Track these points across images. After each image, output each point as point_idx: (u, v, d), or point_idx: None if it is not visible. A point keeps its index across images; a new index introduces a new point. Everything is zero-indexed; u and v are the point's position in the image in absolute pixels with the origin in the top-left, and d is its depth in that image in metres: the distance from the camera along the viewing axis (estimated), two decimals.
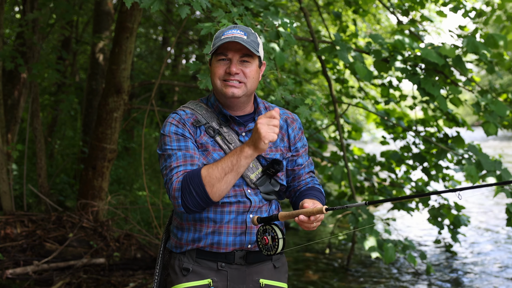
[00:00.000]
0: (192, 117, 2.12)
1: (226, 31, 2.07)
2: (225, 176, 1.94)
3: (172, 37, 13.18)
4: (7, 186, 5.56)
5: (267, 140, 1.87)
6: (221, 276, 2.12)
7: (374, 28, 12.52)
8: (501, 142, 28.49)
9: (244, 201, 2.10)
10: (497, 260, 6.42)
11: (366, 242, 5.06)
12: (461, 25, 5.82)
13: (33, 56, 6.26)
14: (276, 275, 2.20)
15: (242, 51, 2.05)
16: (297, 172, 2.26)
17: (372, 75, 5.06)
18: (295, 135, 2.24)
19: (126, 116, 7.53)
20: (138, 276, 5.15)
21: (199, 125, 2.09)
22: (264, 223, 1.98)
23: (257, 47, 2.09)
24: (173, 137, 2.07)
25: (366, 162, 7.24)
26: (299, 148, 2.26)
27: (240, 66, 2.06)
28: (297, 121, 2.27)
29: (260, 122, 1.88)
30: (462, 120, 6.24)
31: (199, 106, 2.17)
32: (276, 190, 2.19)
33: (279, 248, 1.95)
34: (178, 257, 2.17)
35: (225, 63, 2.06)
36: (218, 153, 2.08)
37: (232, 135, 2.12)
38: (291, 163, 2.25)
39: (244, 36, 2.05)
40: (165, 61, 6.00)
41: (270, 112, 1.89)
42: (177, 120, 2.10)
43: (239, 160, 1.93)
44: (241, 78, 2.06)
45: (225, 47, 2.05)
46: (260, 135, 1.87)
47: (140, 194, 8.23)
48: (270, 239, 1.96)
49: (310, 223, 1.93)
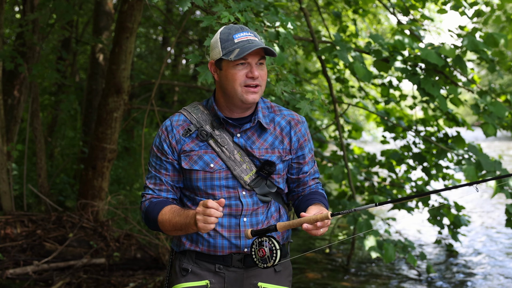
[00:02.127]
0: (184, 123, 2.14)
1: (236, 34, 2.05)
2: (175, 231, 2.06)
3: (172, 37, 13.18)
4: (7, 186, 5.56)
5: (204, 231, 1.93)
6: (219, 279, 2.12)
7: (374, 28, 12.52)
8: (501, 142, 28.49)
9: (236, 203, 2.10)
10: (497, 260, 6.42)
11: (366, 242, 5.06)
12: (461, 25, 5.81)
13: (33, 56, 6.26)
14: (276, 279, 2.18)
15: (260, 54, 2.05)
16: (302, 180, 2.25)
17: (372, 75, 5.05)
18: (299, 138, 2.20)
19: (126, 116, 7.53)
20: (138, 276, 5.15)
21: (190, 133, 2.11)
22: (259, 236, 1.97)
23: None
24: (154, 152, 2.18)
25: (366, 161, 7.24)
26: (306, 154, 2.23)
27: (258, 69, 2.06)
28: (303, 124, 2.22)
29: (198, 210, 1.92)
30: (462, 120, 6.24)
31: (197, 109, 2.17)
32: (273, 192, 2.17)
33: (276, 259, 1.94)
34: (179, 257, 2.20)
35: (244, 67, 2.04)
36: (210, 155, 2.10)
37: (224, 137, 2.11)
38: (297, 170, 2.23)
39: (256, 38, 2.06)
40: (165, 61, 6.00)
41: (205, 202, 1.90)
42: (164, 130, 2.16)
43: (188, 229, 2.01)
44: (260, 82, 2.06)
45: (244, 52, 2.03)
46: (198, 228, 1.93)
47: (140, 194, 8.21)
48: (267, 251, 1.95)
49: (317, 229, 1.93)
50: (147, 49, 15.26)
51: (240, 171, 2.10)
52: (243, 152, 2.13)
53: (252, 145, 2.13)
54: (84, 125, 8.34)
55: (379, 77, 6.59)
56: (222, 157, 2.10)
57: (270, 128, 2.16)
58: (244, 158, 2.12)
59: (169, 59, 13.41)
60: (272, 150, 2.15)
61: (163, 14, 10.06)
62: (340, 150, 6.90)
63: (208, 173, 2.09)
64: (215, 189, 2.10)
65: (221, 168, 2.10)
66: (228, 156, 2.10)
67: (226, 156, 2.10)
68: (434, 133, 6.52)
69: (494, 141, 28.50)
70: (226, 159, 2.10)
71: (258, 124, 2.15)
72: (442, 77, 5.26)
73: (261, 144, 2.14)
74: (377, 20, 12.06)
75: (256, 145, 2.14)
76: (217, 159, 2.10)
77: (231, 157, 2.10)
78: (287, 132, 2.19)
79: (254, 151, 2.12)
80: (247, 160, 2.12)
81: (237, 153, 2.11)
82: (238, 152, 2.12)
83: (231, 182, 2.10)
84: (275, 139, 2.16)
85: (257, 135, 2.15)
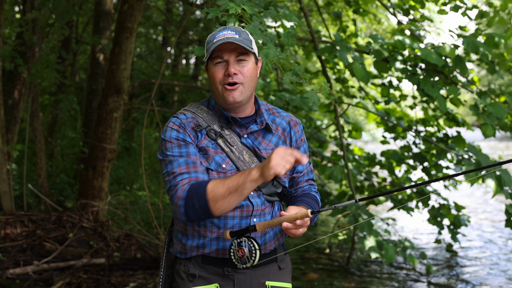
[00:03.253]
0: (192, 121, 2.10)
1: (217, 34, 2.05)
2: (229, 195, 1.90)
3: (172, 37, 13.18)
4: (7, 186, 5.56)
5: (274, 170, 1.83)
6: (228, 281, 2.10)
7: (374, 28, 12.52)
8: (501, 142, 28.50)
9: (247, 204, 2.08)
10: (497, 261, 6.42)
11: (366, 242, 5.06)
12: (461, 26, 5.81)
13: (32, 56, 6.26)
14: (281, 276, 2.19)
15: (237, 50, 2.03)
16: (296, 180, 2.24)
17: (370, 76, 5.05)
18: (297, 138, 2.22)
19: (126, 116, 7.54)
20: (138, 276, 5.15)
21: (200, 129, 2.07)
22: (237, 237, 1.98)
23: (251, 44, 2.07)
24: (174, 143, 2.04)
25: (366, 161, 7.24)
26: (301, 153, 2.24)
27: (237, 66, 2.04)
28: (299, 125, 2.26)
29: (276, 152, 1.85)
30: (462, 120, 6.25)
31: (200, 109, 2.15)
32: (279, 192, 2.17)
33: (256, 260, 1.95)
34: (184, 262, 2.15)
35: (223, 65, 2.04)
36: (220, 155, 2.07)
37: (234, 137, 2.10)
38: (291, 170, 2.22)
39: (236, 35, 2.04)
40: (165, 61, 6.00)
41: (294, 153, 1.85)
42: (177, 124, 2.08)
43: (245, 182, 1.89)
44: (240, 79, 2.04)
45: (219, 49, 2.03)
46: (270, 163, 1.83)
47: (140, 194, 8.23)
48: (246, 251, 1.96)
49: (296, 228, 1.92)
50: (147, 49, 15.26)
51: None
52: (251, 152, 2.12)
53: (259, 146, 2.13)
54: (84, 125, 8.34)
55: (379, 77, 6.59)
56: (232, 157, 2.08)
57: (273, 129, 2.18)
58: (253, 158, 2.11)
59: (169, 59, 13.41)
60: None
61: (163, 14, 10.06)
62: (340, 150, 6.90)
63: (221, 173, 2.06)
64: None
65: (232, 169, 2.08)
66: (237, 156, 2.09)
67: (235, 157, 2.08)
68: (434, 133, 6.52)
69: (493, 141, 28.51)
70: (235, 159, 2.08)
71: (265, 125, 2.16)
72: (442, 77, 5.26)
73: (266, 145, 2.15)
74: (377, 20, 12.06)
75: (262, 146, 2.14)
76: (227, 160, 2.08)
77: (240, 157, 2.09)
78: (288, 132, 2.21)
79: (261, 151, 2.12)
80: (255, 160, 2.11)
81: (246, 153, 2.11)
82: (247, 153, 2.11)
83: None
84: (279, 139, 2.17)
85: (262, 136, 2.16)
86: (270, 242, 2.14)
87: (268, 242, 2.13)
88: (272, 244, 2.15)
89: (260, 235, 2.09)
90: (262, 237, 2.11)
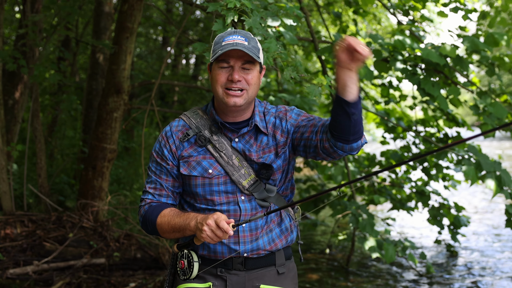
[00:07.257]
0: (183, 129, 2.15)
1: (226, 37, 2.04)
2: (173, 232, 2.06)
3: (172, 37, 13.18)
4: (7, 186, 5.56)
5: (202, 239, 1.94)
6: (221, 281, 2.12)
7: (374, 28, 12.52)
8: (500, 142, 28.50)
9: (235, 209, 2.09)
10: (497, 261, 6.43)
11: (366, 242, 5.06)
12: (461, 26, 5.81)
13: (33, 56, 6.26)
14: (279, 281, 2.17)
15: (244, 58, 2.02)
16: (314, 123, 2.06)
17: (373, 74, 5.05)
18: (292, 122, 2.14)
19: (126, 116, 7.53)
20: (138, 276, 5.16)
21: (188, 138, 2.12)
22: (180, 249, 2.12)
23: (258, 53, 2.06)
24: (154, 157, 2.18)
25: (366, 162, 7.24)
26: (300, 116, 2.15)
27: (241, 73, 2.03)
28: (292, 110, 2.18)
29: (210, 223, 1.91)
30: (462, 120, 6.25)
31: (196, 114, 2.17)
32: (272, 196, 2.14)
33: (193, 271, 2.07)
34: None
35: (227, 70, 2.03)
36: (208, 161, 2.10)
37: (223, 142, 2.10)
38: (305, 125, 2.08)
39: (245, 42, 2.02)
40: (165, 61, 6.01)
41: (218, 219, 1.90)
42: (164, 136, 2.17)
43: (185, 229, 2.02)
44: (243, 86, 2.03)
45: (226, 54, 2.02)
46: (200, 233, 1.93)
47: (140, 194, 8.23)
48: (186, 263, 2.09)
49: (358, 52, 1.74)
50: (147, 49, 15.27)
51: (238, 176, 2.09)
52: (241, 156, 2.12)
53: (250, 149, 2.12)
54: (84, 125, 8.34)
55: (379, 77, 6.59)
56: (221, 162, 2.09)
57: (265, 129, 2.15)
58: (243, 163, 2.11)
59: (169, 59, 13.41)
60: (269, 149, 2.13)
61: (163, 14, 10.06)
62: None
63: (207, 179, 2.09)
64: (214, 194, 2.10)
65: (219, 174, 2.09)
66: (226, 161, 2.09)
67: (225, 161, 2.09)
68: (434, 133, 6.51)
69: (493, 141, 28.52)
70: (224, 164, 2.09)
71: (255, 127, 2.14)
72: (442, 77, 5.26)
73: (257, 147, 2.13)
74: (377, 20, 12.06)
75: (253, 148, 2.13)
76: (216, 165, 2.10)
77: (229, 162, 2.09)
78: (278, 125, 2.15)
79: (252, 154, 2.12)
80: (245, 165, 2.11)
81: (235, 158, 2.10)
82: (237, 157, 2.11)
83: (230, 187, 2.09)
84: (269, 137, 2.15)
85: (254, 138, 2.14)
86: (265, 247, 2.13)
87: (262, 247, 2.12)
88: (268, 249, 2.14)
89: (250, 240, 2.09)
90: (254, 242, 2.10)
